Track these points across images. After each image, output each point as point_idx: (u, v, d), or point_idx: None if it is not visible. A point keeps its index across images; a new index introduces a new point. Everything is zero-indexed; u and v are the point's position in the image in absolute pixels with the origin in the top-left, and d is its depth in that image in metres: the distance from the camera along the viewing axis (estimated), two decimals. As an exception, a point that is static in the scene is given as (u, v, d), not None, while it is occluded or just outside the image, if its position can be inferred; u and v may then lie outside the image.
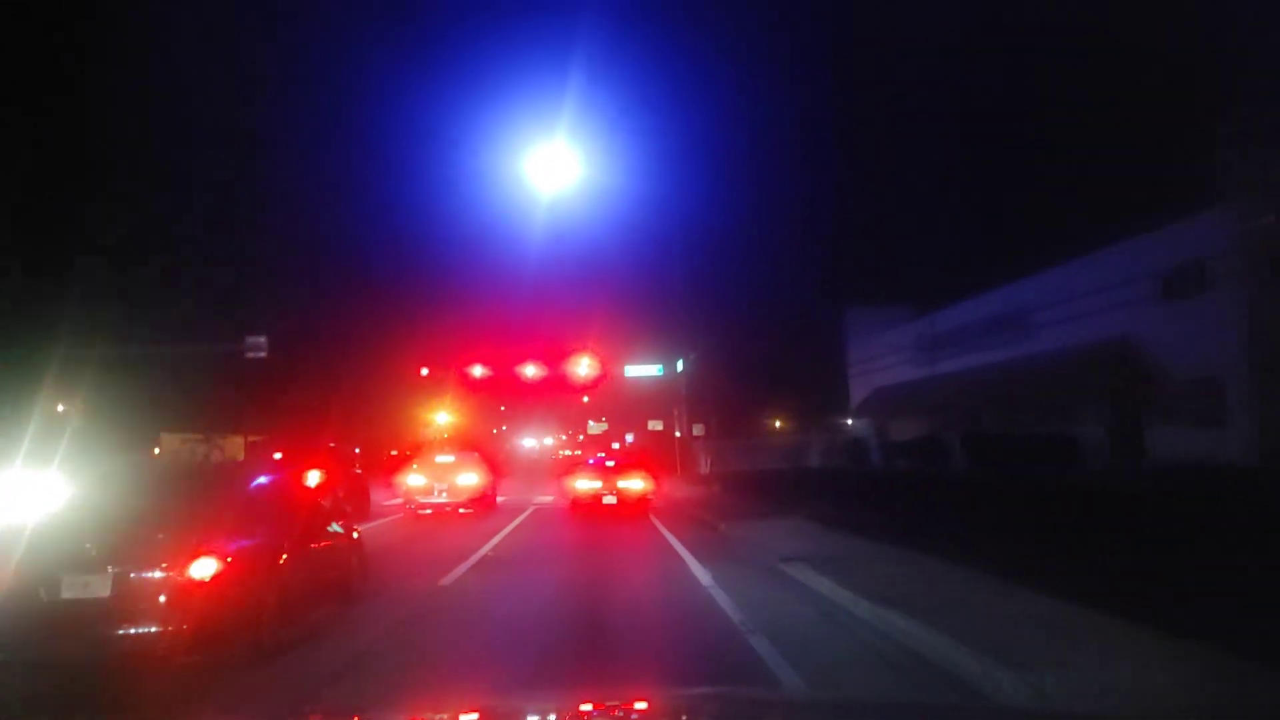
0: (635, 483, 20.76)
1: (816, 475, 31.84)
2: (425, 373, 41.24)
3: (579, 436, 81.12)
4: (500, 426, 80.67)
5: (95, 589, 6.22)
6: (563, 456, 57.62)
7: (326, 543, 8.85)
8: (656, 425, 44.97)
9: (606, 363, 35.70)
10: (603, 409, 68.70)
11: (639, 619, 8.57)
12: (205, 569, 6.38)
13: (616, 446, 49.96)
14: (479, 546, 14.01)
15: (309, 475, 16.79)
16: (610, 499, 20.31)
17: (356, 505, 19.25)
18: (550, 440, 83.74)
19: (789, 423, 54.21)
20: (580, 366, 35.21)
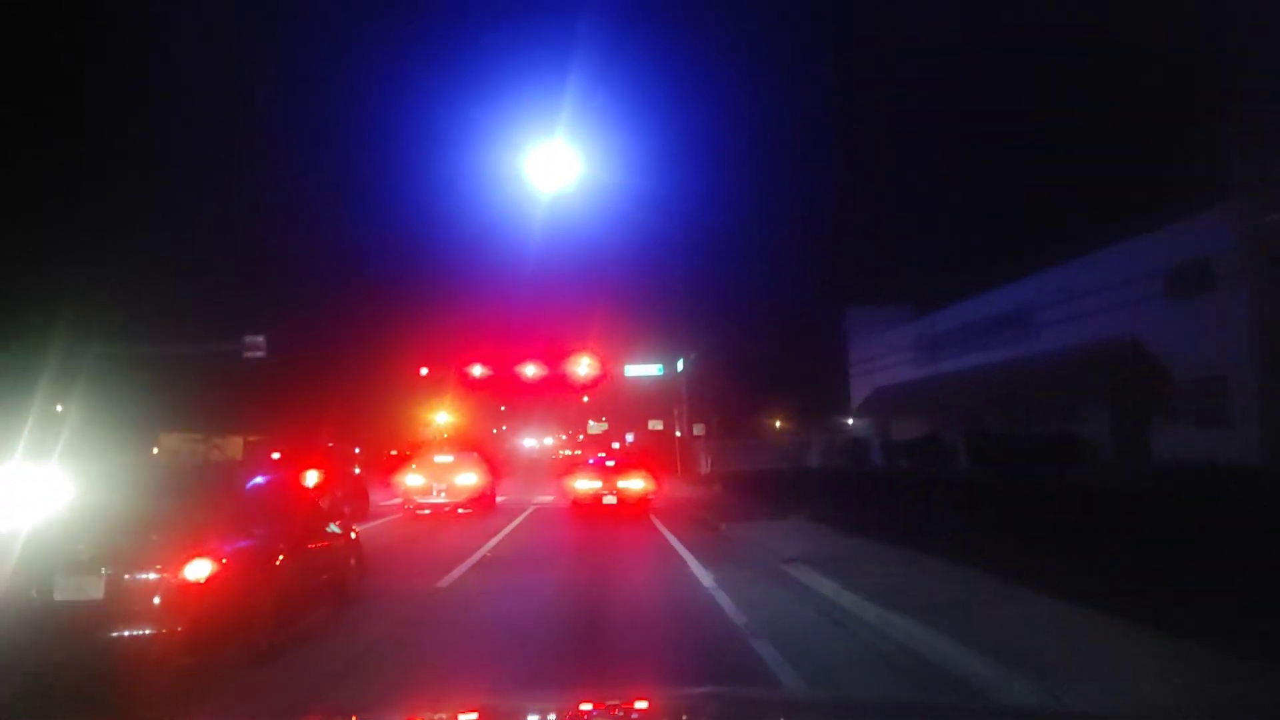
0: (635, 483, 20.64)
1: (817, 475, 31.80)
2: (425, 372, 41.18)
3: (579, 436, 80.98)
4: (500, 426, 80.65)
5: (89, 591, 6.17)
6: (563, 456, 57.50)
7: (324, 543, 8.76)
8: (657, 425, 44.84)
9: (606, 362, 35.62)
10: (603, 409, 68.59)
11: (640, 622, 8.45)
12: (200, 570, 6.31)
13: (616, 446, 49.81)
14: (478, 547, 13.91)
15: (307, 475, 16.71)
16: (610, 499, 20.19)
17: (355, 505, 19.15)
18: (550, 440, 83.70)
19: (790, 422, 54.18)
20: (580, 366, 35.14)
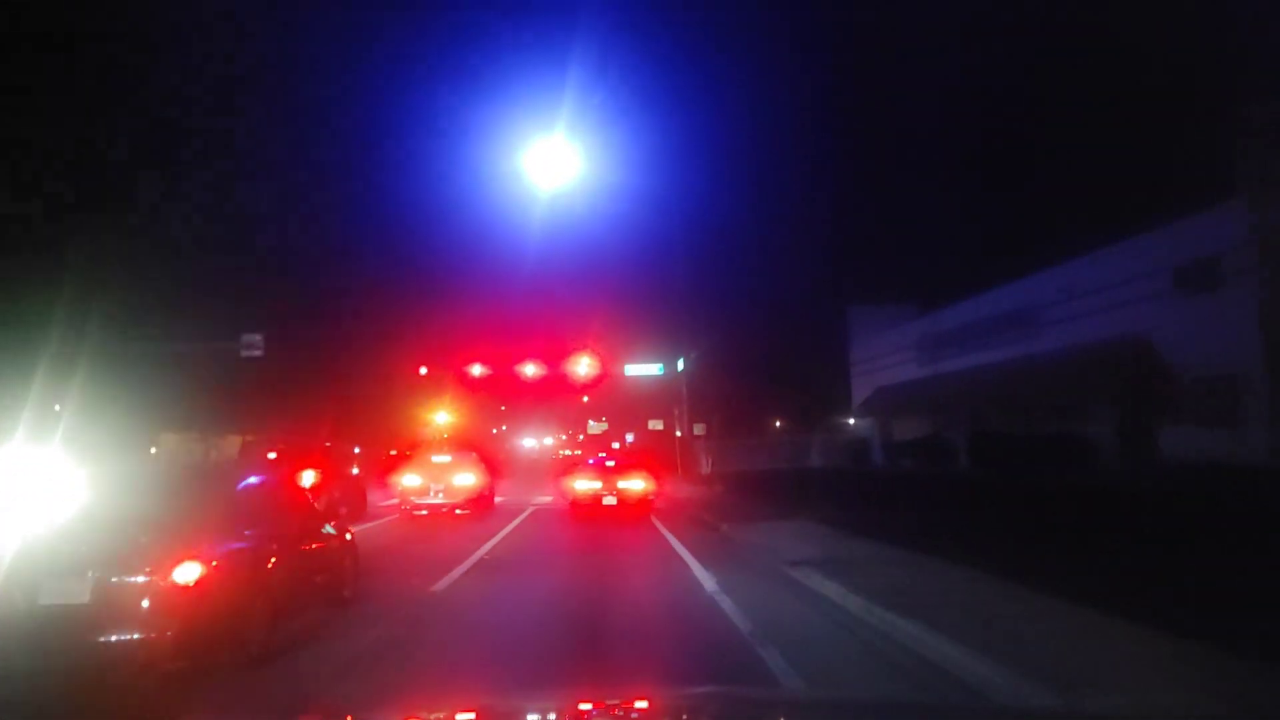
0: (636, 483, 20.43)
1: (819, 475, 31.61)
2: (424, 372, 40.99)
3: (579, 436, 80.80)
4: (500, 426, 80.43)
5: (74, 595, 6.06)
6: (562, 456, 57.31)
7: (318, 545, 8.58)
8: (657, 425, 44.66)
9: (606, 362, 35.45)
10: (603, 408, 68.37)
11: (642, 627, 8.25)
12: (189, 573, 6.19)
13: (617, 446, 49.64)
14: (475, 549, 13.71)
15: (303, 475, 16.50)
16: (610, 500, 19.98)
17: (352, 506, 18.95)
18: (550, 440, 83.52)
19: (791, 422, 53.96)
20: (580, 366, 34.99)
